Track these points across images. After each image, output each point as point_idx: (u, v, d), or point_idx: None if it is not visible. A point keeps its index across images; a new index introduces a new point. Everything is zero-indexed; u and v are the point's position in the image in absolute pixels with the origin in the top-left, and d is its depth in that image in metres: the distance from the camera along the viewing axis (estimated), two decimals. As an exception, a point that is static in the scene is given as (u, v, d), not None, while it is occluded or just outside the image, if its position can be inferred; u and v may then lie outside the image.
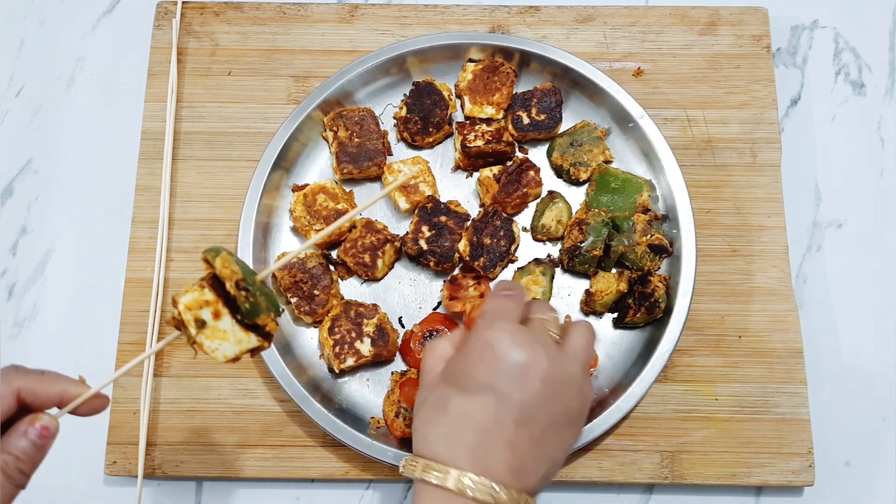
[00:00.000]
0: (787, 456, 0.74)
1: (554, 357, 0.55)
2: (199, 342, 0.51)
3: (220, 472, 0.75)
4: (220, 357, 0.51)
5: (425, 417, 0.56)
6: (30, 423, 0.50)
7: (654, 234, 0.77)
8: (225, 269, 0.49)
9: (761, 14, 0.88)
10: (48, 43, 0.92)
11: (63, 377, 0.52)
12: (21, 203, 0.86)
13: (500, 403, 0.53)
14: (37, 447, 0.50)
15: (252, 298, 0.50)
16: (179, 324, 0.51)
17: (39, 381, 0.51)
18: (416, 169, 0.81)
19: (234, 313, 0.51)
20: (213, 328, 0.51)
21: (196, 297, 0.50)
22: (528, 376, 0.54)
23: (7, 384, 0.49)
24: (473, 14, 0.89)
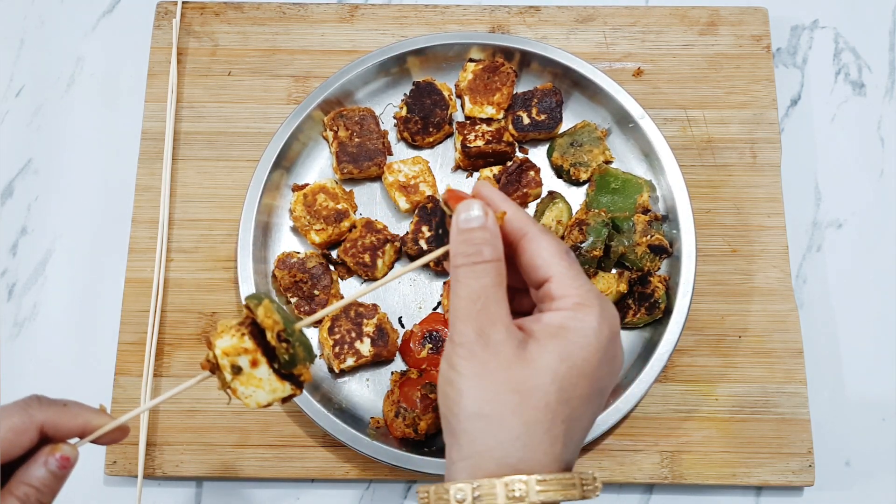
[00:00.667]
0: (787, 456, 0.74)
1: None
2: (234, 388, 0.50)
3: (220, 472, 0.75)
4: (252, 404, 0.50)
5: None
6: (49, 454, 0.49)
7: (654, 235, 0.77)
8: (267, 318, 0.49)
9: (761, 14, 0.88)
10: (48, 43, 0.92)
11: (85, 408, 0.51)
12: (21, 203, 0.86)
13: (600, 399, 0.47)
14: (56, 477, 0.49)
15: (292, 350, 0.49)
16: (213, 367, 0.50)
17: (62, 413, 0.50)
18: (417, 168, 0.81)
19: (270, 362, 0.50)
20: (248, 375, 0.50)
21: (235, 344, 0.49)
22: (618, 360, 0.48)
23: (30, 418, 0.48)
24: (473, 14, 0.89)
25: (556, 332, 0.45)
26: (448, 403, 0.45)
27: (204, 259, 0.81)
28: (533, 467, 0.43)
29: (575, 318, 0.46)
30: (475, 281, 0.46)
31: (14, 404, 0.49)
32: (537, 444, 0.44)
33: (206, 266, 0.81)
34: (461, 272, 0.46)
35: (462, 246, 0.47)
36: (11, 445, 0.47)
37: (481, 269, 0.46)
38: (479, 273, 0.46)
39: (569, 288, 0.46)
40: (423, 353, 0.76)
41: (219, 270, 0.81)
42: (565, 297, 0.46)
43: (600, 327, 0.46)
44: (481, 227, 0.47)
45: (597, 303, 0.47)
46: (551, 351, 0.45)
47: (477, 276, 0.46)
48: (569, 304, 0.46)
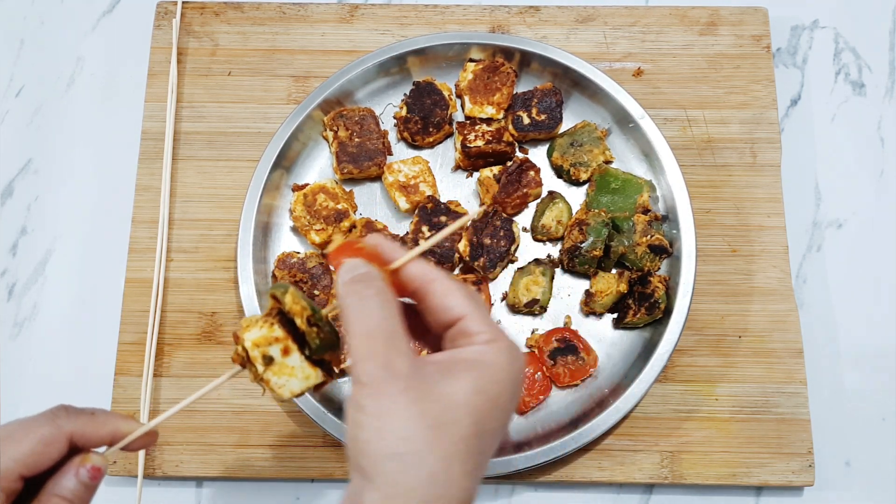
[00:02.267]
0: (787, 456, 0.74)
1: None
2: (266, 379, 0.50)
3: (220, 472, 0.75)
4: (286, 393, 0.50)
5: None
6: (80, 464, 0.48)
7: (654, 235, 0.77)
8: (295, 304, 0.48)
9: (761, 14, 0.88)
10: (48, 43, 0.92)
11: (113, 415, 0.51)
12: (21, 203, 0.86)
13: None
14: (88, 488, 0.48)
15: (322, 334, 0.49)
16: (245, 360, 0.50)
17: (91, 422, 0.49)
18: (417, 168, 0.81)
19: (302, 349, 0.50)
20: (280, 364, 0.49)
21: (265, 334, 0.49)
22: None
23: (58, 428, 0.48)
24: (473, 14, 0.89)
25: (472, 366, 0.44)
26: (359, 446, 0.42)
27: (204, 259, 0.81)
28: (449, 502, 0.42)
29: (490, 353, 0.45)
30: (369, 316, 0.44)
31: (42, 415, 0.48)
32: (454, 479, 0.42)
33: (206, 266, 0.81)
34: (351, 310, 0.45)
35: (348, 286, 0.46)
36: (41, 457, 0.47)
37: (371, 303, 0.45)
38: (370, 308, 0.45)
39: (482, 325, 0.46)
40: (423, 353, 0.76)
41: (219, 270, 0.81)
42: (480, 334, 0.46)
43: (513, 363, 0.46)
44: (364, 273, 0.47)
45: (508, 340, 0.46)
46: (467, 383, 0.44)
47: (370, 311, 0.44)
48: (483, 340, 0.46)
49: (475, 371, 0.44)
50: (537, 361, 0.76)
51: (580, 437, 0.71)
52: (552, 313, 0.79)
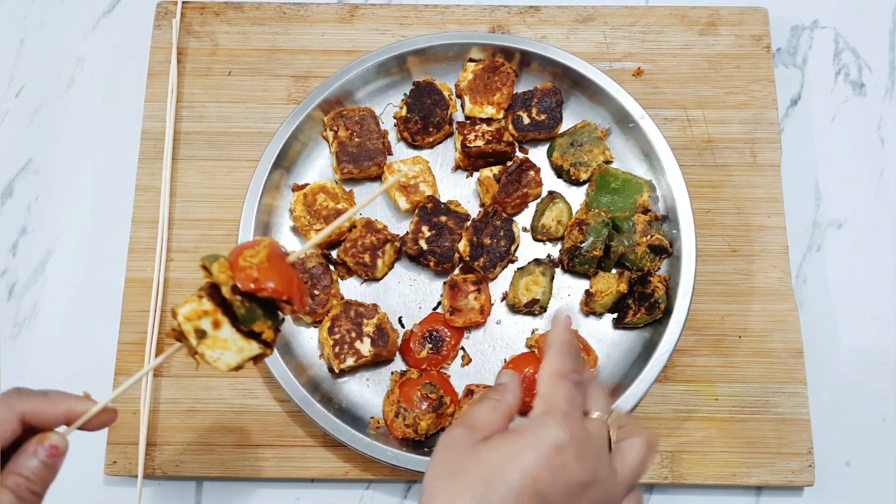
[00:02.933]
0: (787, 456, 0.74)
1: (607, 479, 0.49)
2: (201, 353, 0.50)
3: (220, 472, 0.75)
4: (222, 366, 0.51)
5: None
6: (38, 443, 0.49)
7: (654, 235, 0.77)
8: (221, 274, 0.49)
9: (761, 14, 0.88)
10: (48, 43, 0.92)
11: (67, 395, 0.51)
12: (21, 203, 0.86)
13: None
14: (47, 467, 0.49)
15: (248, 304, 0.49)
16: (180, 335, 0.51)
17: (43, 402, 0.50)
18: (417, 168, 0.81)
19: (234, 322, 0.50)
20: (213, 338, 0.50)
21: (195, 308, 0.50)
22: (581, 497, 0.48)
23: (10, 409, 0.49)
24: (473, 14, 0.89)
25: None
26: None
27: (204, 259, 0.81)
28: None
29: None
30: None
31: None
32: None
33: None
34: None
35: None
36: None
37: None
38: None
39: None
40: (423, 353, 0.76)
41: (219, 270, 0.80)
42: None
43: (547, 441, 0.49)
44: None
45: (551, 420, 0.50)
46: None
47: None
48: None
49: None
50: (537, 361, 0.76)
51: None
52: (552, 313, 0.79)
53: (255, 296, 0.50)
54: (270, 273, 0.50)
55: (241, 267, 0.50)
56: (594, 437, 0.50)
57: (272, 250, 0.50)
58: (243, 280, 0.49)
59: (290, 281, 0.50)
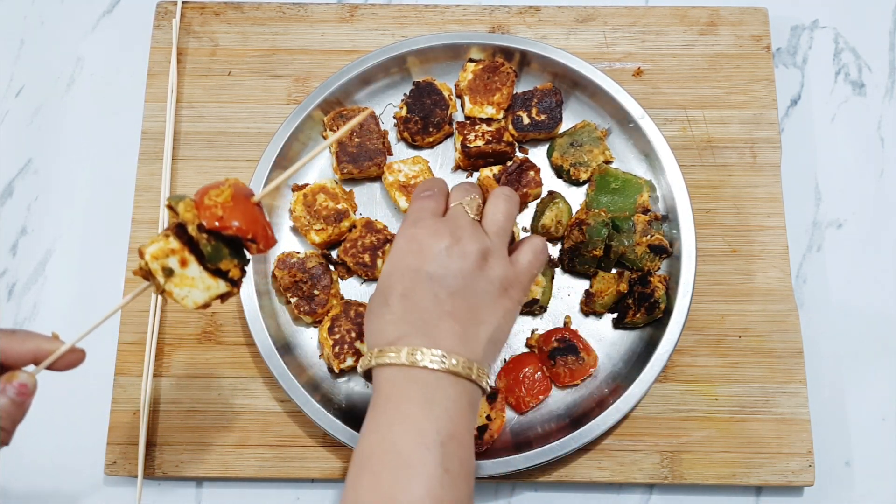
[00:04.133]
0: (787, 456, 0.74)
1: (471, 234, 0.59)
2: (168, 290, 0.51)
3: (220, 472, 0.75)
4: (189, 304, 0.52)
5: (372, 313, 0.59)
6: (7, 381, 0.50)
7: (654, 235, 0.77)
8: (187, 213, 0.50)
9: (761, 14, 0.88)
10: (48, 43, 0.92)
11: (35, 334, 0.52)
12: (21, 203, 0.86)
13: (433, 283, 0.57)
14: (16, 404, 0.50)
15: (214, 242, 0.50)
16: (147, 274, 0.52)
17: (11, 339, 0.51)
18: (417, 168, 0.81)
19: (201, 261, 0.51)
20: (181, 276, 0.51)
21: (162, 247, 0.51)
22: (452, 254, 0.58)
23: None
24: (473, 14, 0.89)
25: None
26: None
27: (204, 259, 0.81)
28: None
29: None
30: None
31: None
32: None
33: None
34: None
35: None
36: None
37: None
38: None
39: None
40: None
41: (219, 270, 0.80)
42: None
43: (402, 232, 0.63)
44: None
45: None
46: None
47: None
48: None
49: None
50: (537, 361, 0.76)
51: (580, 437, 0.71)
52: (552, 313, 0.79)
53: (221, 234, 0.51)
54: (235, 212, 0.51)
55: (207, 206, 0.51)
56: (450, 218, 0.61)
57: (237, 190, 0.51)
58: (208, 218, 0.50)
59: (255, 220, 0.52)
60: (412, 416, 0.53)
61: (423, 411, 0.53)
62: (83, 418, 0.78)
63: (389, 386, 0.55)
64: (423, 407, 0.53)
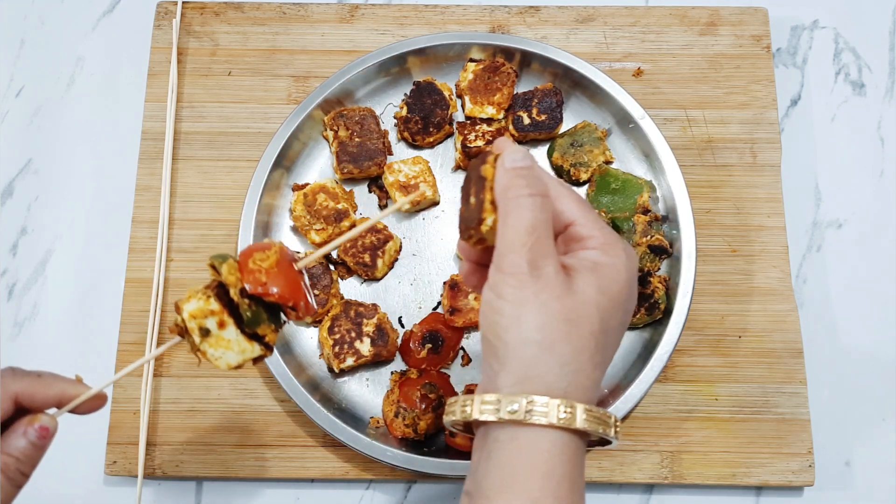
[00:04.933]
0: (787, 456, 0.74)
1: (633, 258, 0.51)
2: (203, 350, 0.51)
3: (220, 472, 0.75)
4: (222, 365, 0.51)
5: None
6: (28, 424, 0.50)
7: (654, 235, 0.77)
8: (230, 276, 0.49)
9: (761, 14, 0.88)
10: (48, 43, 0.92)
11: (61, 378, 0.52)
12: (21, 203, 0.86)
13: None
14: (36, 447, 0.50)
15: (255, 307, 0.50)
16: (182, 331, 0.51)
17: (37, 383, 0.50)
18: (417, 168, 0.81)
19: (238, 323, 0.51)
20: (217, 337, 0.50)
21: (201, 307, 0.50)
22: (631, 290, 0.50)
23: (4, 389, 0.49)
24: (473, 14, 0.89)
25: (593, 267, 0.48)
26: (497, 331, 0.47)
27: (204, 259, 0.80)
28: (578, 391, 0.46)
29: (606, 255, 0.49)
30: (530, 213, 0.47)
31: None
32: (582, 369, 0.46)
33: (206, 266, 0.81)
34: (515, 203, 0.47)
35: (515, 179, 0.48)
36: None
37: (535, 201, 0.47)
38: (532, 205, 0.47)
39: (593, 229, 0.49)
40: (423, 353, 0.76)
41: (219, 270, 0.81)
42: (592, 237, 0.49)
43: (628, 263, 0.49)
44: (531, 167, 0.49)
45: (621, 242, 0.50)
46: (592, 283, 0.47)
47: (531, 209, 0.47)
48: (597, 244, 0.49)
49: (597, 272, 0.48)
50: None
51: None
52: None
53: (261, 299, 0.50)
54: (279, 278, 0.50)
55: (251, 270, 0.50)
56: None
57: (282, 255, 0.51)
58: (253, 283, 0.49)
59: (297, 287, 0.50)
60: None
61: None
62: (83, 418, 0.78)
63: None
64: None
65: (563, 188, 0.51)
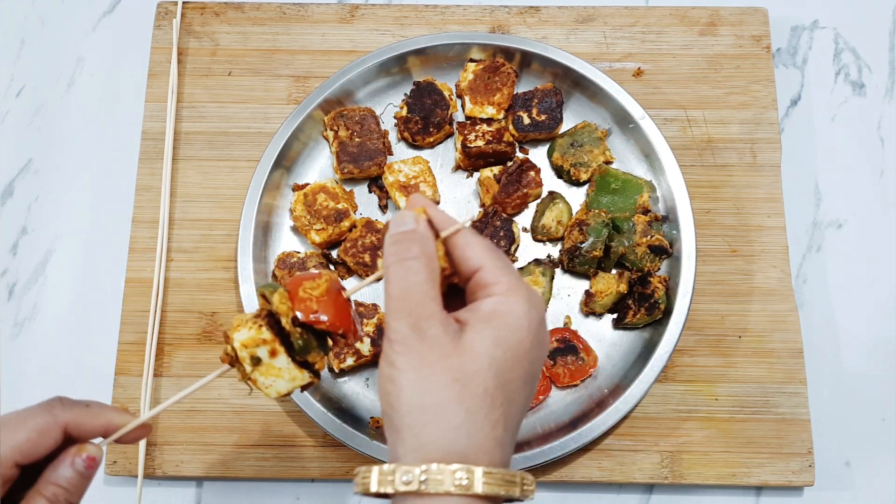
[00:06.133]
0: (787, 456, 0.74)
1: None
2: (254, 378, 0.51)
3: (220, 472, 0.75)
4: (272, 393, 0.51)
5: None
6: (76, 454, 0.49)
7: (654, 235, 0.77)
8: (282, 305, 0.50)
9: (761, 14, 0.88)
10: (48, 43, 0.92)
11: (108, 407, 0.52)
12: (21, 203, 0.86)
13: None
14: (83, 477, 0.49)
15: (305, 335, 0.50)
16: (234, 360, 0.51)
17: (86, 413, 0.50)
18: (417, 168, 0.81)
19: (289, 352, 0.51)
20: (268, 366, 0.50)
21: (253, 336, 0.50)
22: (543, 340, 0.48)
23: (54, 418, 0.49)
24: (473, 14, 0.89)
25: (490, 318, 0.46)
26: (389, 400, 0.45)
27: (204, 259, 0.81)
28: (478, 453, 0.44)
29: (506, 303, 0.46)
30: (405, 278, 0.46)
31: (38, 406, 0.49)
32: (479, 429, 0.44)
33: (206, 266, 0.81)
34: (391, 270, 0.47)
35: (391, 247, 0.48)
36: (35, 446, 0.48)
37: (410, 265, 0.46)
38: (408, 270, 0.46)
39: (498, 276, 0.47)
40: None
41: (219, 270, 0.81)
42: (496, 284, 0.47)
43: (530, 311, 0.47)
44: (410, 231, 0.48)
45: (525, 289, 0.48)
46: (486, 336, 0.45)
47: (406, 274, 0.46)
48: (500, 291, 0.47)
49: (493, 322, 0.46)
50: (537, 361, 0.76)
51: (580, 437, 0.71)
52: (552, 313, 0.79)
53: (311, 327, 0.50)
54: (329, 306, 0.50)
55: (302, 298, 0.50)
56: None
57: (331, 284, 0.51)
58: (304, 311, 0.49)
59: (347, 315, 0.51)
60: None
61: None
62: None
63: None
64: None
65: (470, 235, 0.49)
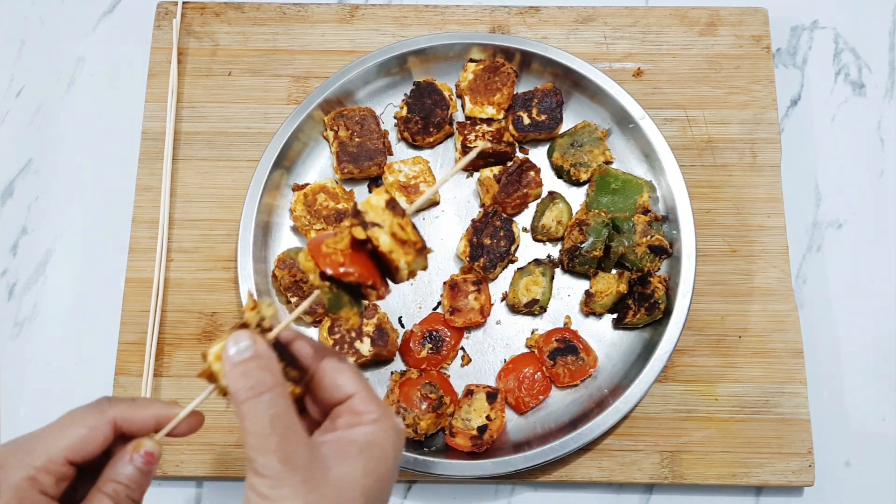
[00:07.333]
0: (787, 456, 0.74)
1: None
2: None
3: (220, 472, 0.75)
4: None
5: None
6: (134, 450, 0.49)
7: (654, 235, 0.77)
8: (308, 262, 0.49)
9: (761, 14, 0.88)
10: (48, 43, 0.92)
11: (154, 401, 0.52)
12: (21, 203, 0.86)
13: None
14: (143, 473, 0.49)
15: (335, 290, 0.49)
16: (210, 375, 0.50)
17: (132, 407, 0.50)
18: (417, 168, 0.81)
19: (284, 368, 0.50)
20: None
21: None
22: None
23: (101, 413, 0.49)
24: (473, 14, 0.89)
25: (362, 449, 0.48)
26: None
27: (204, 259, 0.81)
28: None
29: (378, 433, 0.49)
30: (264, 414, 0.46)
31: (85, 405, 0.49)
32: None
33: (206, 266, 0.81)
34: (247, 407, 0.46)
35: (241, 380, 0.47)
36: (85, 442, 0.48)
37: (268, 398, 0.46)
38: (265, 405, 0.46)
39: (369, 405, 0.49)
40: (423, 353, 0.76)
41: (219, 270, 0.81)
42: (367, 413, 0.49)
43: (397, 441, 0.50)
44: (255, 356, 0.47)
45: (391, 418, 0.50)
46: (358, 468, 0.47)
47: (265, 409, 0.46)
48: (371, 419, 0.49)
49: (366, 453, 0.48)
50: (537, 361, 0.76)
51: (580, 437, 0.71)
52: (552, 313, 0.79)
53: (340, 281, 0.49)
54: (354, 259, 0.49)
55: (326, 253, 0.49)
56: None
57: (353, 237, 0.50)
58: (332, 265, 0.48)
59: (373, 267, 0.49)
60: None
61: None
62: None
63: None
64: None
65: (339, 362, 0.50)
